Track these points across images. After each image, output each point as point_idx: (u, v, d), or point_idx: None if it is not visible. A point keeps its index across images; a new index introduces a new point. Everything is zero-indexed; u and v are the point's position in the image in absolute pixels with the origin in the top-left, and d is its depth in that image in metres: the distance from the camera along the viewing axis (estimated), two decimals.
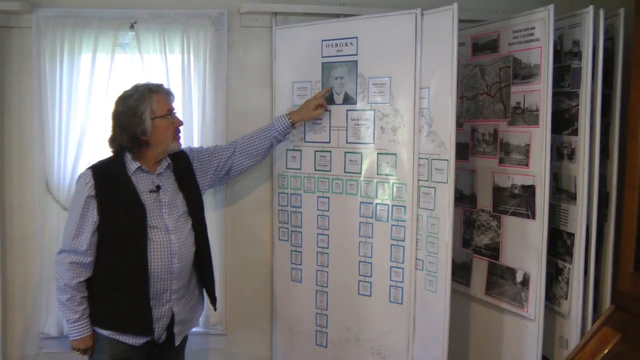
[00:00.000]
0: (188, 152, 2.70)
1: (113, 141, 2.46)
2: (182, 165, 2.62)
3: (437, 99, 2.65)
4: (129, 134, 2.38)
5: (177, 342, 2.57)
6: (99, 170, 2.41)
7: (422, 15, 2.66)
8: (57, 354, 3.15)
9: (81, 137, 3.00)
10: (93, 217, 2.34)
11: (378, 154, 2.83)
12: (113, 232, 2.36)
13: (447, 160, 2.62)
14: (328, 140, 2.97)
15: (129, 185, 2.41)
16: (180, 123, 2.53)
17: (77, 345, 2.41)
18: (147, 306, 2.40)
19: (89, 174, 2.38)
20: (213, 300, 2.74)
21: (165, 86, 2.53)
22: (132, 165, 2.43)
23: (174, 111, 2.51)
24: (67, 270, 2.35)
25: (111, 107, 2.47)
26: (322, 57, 2.95)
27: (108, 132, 2.48)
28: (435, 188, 2.68)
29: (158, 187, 2.46)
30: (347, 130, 2.91)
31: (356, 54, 2.86)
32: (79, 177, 2.43)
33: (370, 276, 2.89)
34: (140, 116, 2.37)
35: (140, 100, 2.38)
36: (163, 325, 2.48)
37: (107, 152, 2.53)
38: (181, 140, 2.58)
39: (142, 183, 2.44)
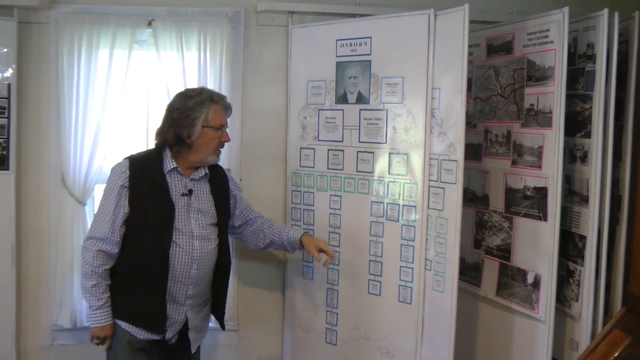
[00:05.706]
0: (229, 179, 2.70)
1: (160, 134, 2.47)
2: (220, 181, 2.62)
3: (447, 99, 2.65)
4: (175, 131, 2.39)
5: (194, 349, 2.59)
6: (136, 163, 2.42)
7: (435, 15, 2.66)
8: (70, 345, 3.20)
9: (97, 132, 3.03)
10: (124, 207, 2.37)
11: (390, 153, 2.84)
12: (139, 226, 2.38)
13: (456, 161, 2.62)
14: (341, 139, 2.99)
15: (163, 184, 2.41)
16: (228, 140, 2.52)
17: (98, 332, 2.43)
18: (163, 305, 2.42)
19: (126, 164, 2.40)
20: (221, 320, 2.71)
21: (228, 100, 2.54)
22: (169, 164, 2.43)
23: (227, 127, 2.52)
24: (95, 258, 2.36)
25: (170, 99, 2.50)
26: (337, 56, 2.97)
27: (158, 123, 2.50)
28: (444, 189, 2.68)
29: (190, 192, 2.46)
30: (359, 129, 2.92)
31: (370, 54, 2.87)
32: (115, 166, 2.44)
33: (380, 275, 2.90)
34: (193, 120, 2.38)
35: (200, 105, 2.39)
36: (176, 328, 2.50)
37: (122, 148, 2.55)
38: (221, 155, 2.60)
39: (175, 184, 2.44)
